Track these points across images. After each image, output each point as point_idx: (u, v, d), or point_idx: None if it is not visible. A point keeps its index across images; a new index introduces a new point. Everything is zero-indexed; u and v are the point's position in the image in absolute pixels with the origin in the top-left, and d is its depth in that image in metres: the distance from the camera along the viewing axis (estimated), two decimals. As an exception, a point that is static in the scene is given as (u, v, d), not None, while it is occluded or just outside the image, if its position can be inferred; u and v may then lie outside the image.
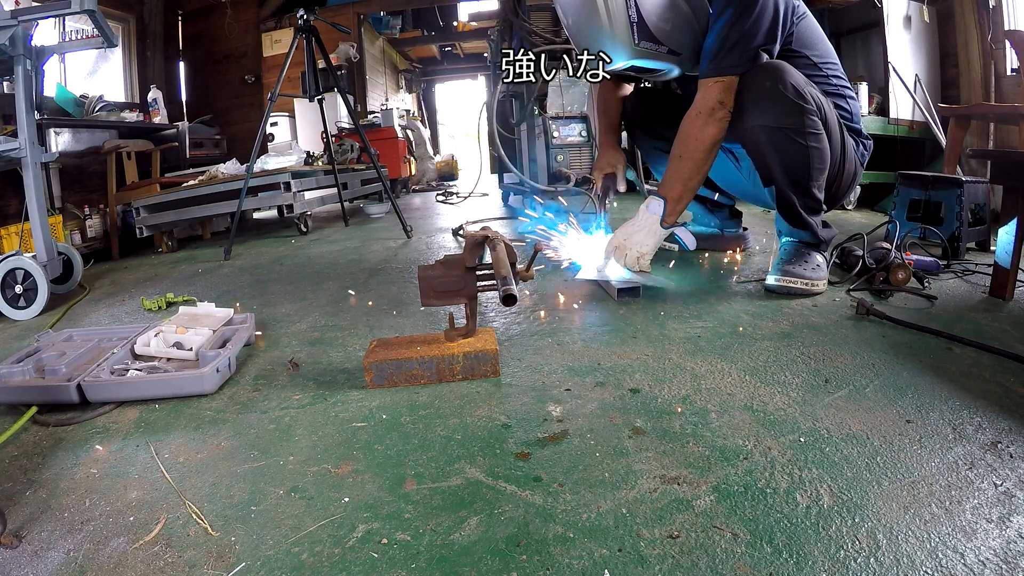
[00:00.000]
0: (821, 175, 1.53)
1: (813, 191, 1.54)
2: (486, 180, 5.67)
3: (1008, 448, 0.80)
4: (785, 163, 1.51)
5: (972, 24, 2.94)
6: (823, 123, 1.49)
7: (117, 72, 4.54)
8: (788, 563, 0.62)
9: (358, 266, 2.28)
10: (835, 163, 1.56)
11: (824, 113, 1.50)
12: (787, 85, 1.43)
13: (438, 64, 9.32)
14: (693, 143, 1.53)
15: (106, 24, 1.97)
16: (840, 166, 1.59)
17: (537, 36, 3.13)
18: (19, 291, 1.93)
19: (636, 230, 1.59)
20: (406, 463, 0.85)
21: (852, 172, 1.64)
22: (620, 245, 1.61)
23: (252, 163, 2.80)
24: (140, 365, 1.22)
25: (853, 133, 1.63)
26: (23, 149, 1.90)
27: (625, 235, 1.60)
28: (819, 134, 1.48)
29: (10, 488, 0.86)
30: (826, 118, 1.50)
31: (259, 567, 0.66)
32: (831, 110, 1.53)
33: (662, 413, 0.95)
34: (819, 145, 1.48)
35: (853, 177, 1.66)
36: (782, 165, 1.52)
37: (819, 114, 1.48)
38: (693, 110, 1.53)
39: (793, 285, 1.52)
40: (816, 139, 1.48)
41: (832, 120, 1.53)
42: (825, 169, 1.53)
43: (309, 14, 2.80)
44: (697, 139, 1.52)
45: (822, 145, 1.49)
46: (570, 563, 0.64)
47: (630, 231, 1.60)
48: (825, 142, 1.50)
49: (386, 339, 1.22)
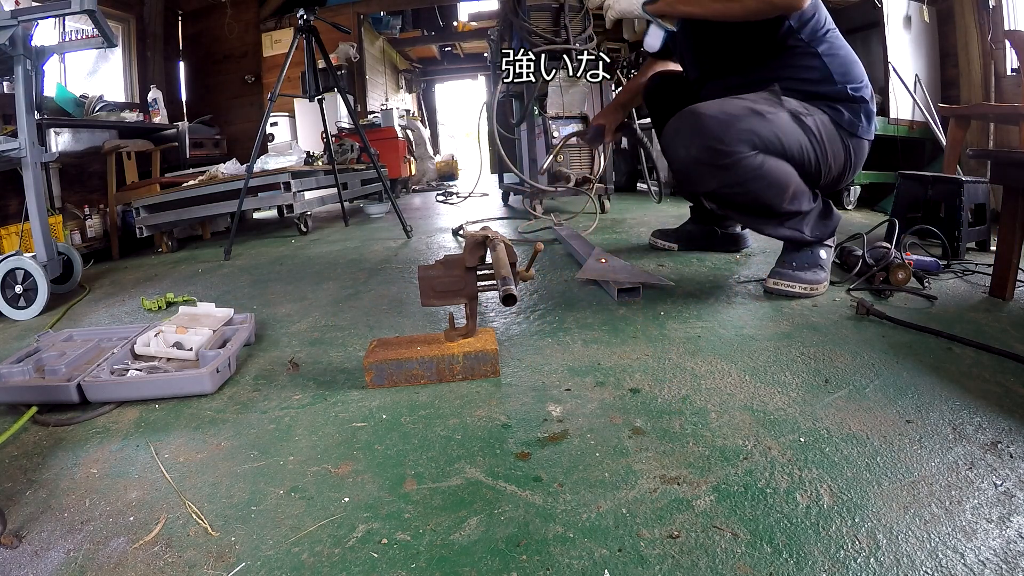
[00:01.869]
0: (782, 193, 1.46)
1: (783, 209, 1.48)
2: (486, 180, 5.67)
3: (1008, 448, 0.80)
4: (742, 211, 1.54)
5: (972, 24, 2.94)
6: (754, 148, 1.40)
7: (117, 72, 4.54)
8: (788, 563, 0.62)
9: (358, 266, 2.28)
10: (808, 163, 1.47)
11: (763, 137, 1.40)
12: (693, 147, 1.40)
13: (438, 64, 9.32)
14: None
15: (106, 24, 1.97)
16: (817, 165, 1.49)
17: (537, 36, 3.12)
18: (19, 291, 1.93)
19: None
20: (406, 463, 0.85)
21: (843, 161, 1.53)
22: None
23: (252, 163, 2.80)
24: (140, 365, 1.22)
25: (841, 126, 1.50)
26: (23, 149, 1.90)
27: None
28: (756, 169, 1.40)
29: (10, 488, 0.86)
30: (764, 143, 1.40)
31: (259, 567, 0.66)
32: (779, 127, 1.42)
33: (662, 413, 0.95)
34: (757, 184, 1.42)
35: (846, 164, 1.54)
36: (741, 214, 1.57)
37: (740, 154, 1.39)
38: None
39: (790, 289, 1.52)
40: (752, 176, 1.41)
41: (776, 135, 1.41)
42: (785, 187, 1.45)
43: (309, 14, 2.80)
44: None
45: (761, 181, 1.42)
46: (570, 563, 0.64)
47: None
48: (767, 168, 1.41)
49: (386, 339, 1.22)
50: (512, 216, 3.45)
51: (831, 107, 1.48)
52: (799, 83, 1.49)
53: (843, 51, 1.51)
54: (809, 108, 1.47)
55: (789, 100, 1.47)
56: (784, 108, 1.45)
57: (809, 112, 1.46)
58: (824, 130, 1.47)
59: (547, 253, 2.25)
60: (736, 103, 1.43)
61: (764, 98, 1.47)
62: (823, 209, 1.56)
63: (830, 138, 1.48)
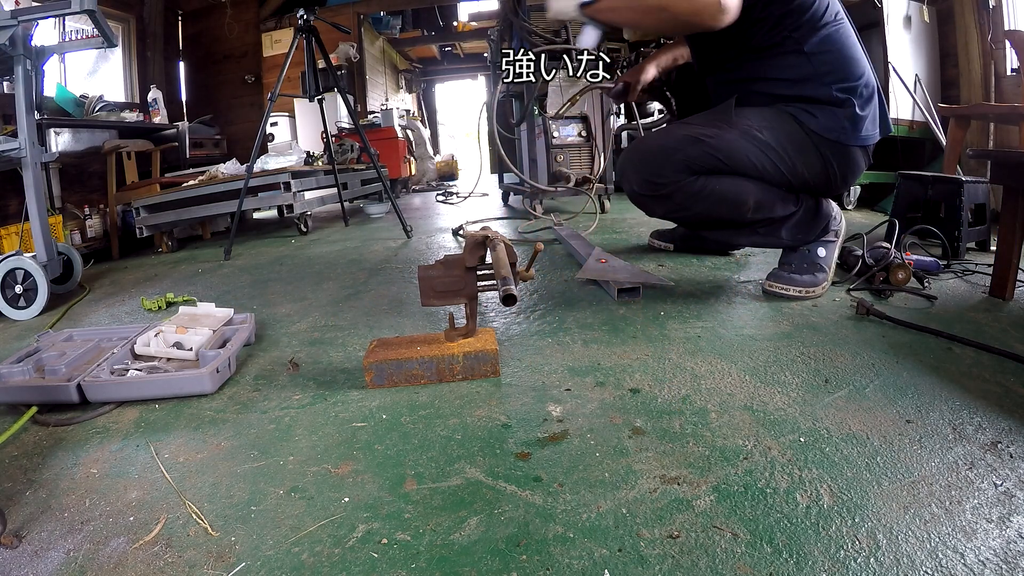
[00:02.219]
0: (740, 207, 1.44)
1: (748, 219, 1.47)
2: (486, 180, 5.67)
3: (1008, 448, 0.80)
4: (705, 227, 1.61)
5: (972, 24, 2.94)
6: (692, 174, 1.41)
7: (117, 72, 4.54)
8: (788, 563, 0.62)
9: (358, 266, 2.28)
10: (768, 175, 1.43)
11: (701, 162, 1.40)
12: (634, 182, 1.49)
13: (438, 64, 9.32)
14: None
15: (106, 24, 1.97)
16: (781, 176, 1.45)
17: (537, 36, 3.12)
18: (19, 291, 1.93)
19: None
20: (406, 463, 0.85)
21: (819, 169, 1.45)
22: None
23: (252, 163, 2.80)
24: (140, 365, 1.22)
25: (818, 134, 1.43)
26: (23, 149, 1.90)
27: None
28: (698, 192, 1.42)
29: (10, 488, 0.86)
30: (704, 166, 1.40)
31: (259, 567, 0.66)
32: (722, 147, 1.40)
33: (662, 413, 0.95)
34: (703, 204, 1.44)
35: (827, 171, 1.46)
36: (706, 229, 1.64)
37: (677, 182, 1.41)
38: None
39: (785, 292, 1.51)
40: (696, 199, 1.43)
41: (717, 156, 1.40)
42: (741, 200, 1.44)
43: (309, 14, 2.80)
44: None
45: (706, 201, 1.43)
46: (570, 563, 0.64)
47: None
48: (711, 189, 1.42)
49: (386, 339, 1.22)
50: (512, 216, 3.45)
51: (806, 111, 1.41)
52: (776, 84, 1.44)
53: (838, 48, 1.41)
54: (770, 119, 1.42)
55: (744, 113, 1.44)
56: (733, 127, 1.42)
57: (767, 124, 1.42)
58: (789, 141, 1.42)
59: (547, 253, 2.26)
60: (675, 132, 1.46)
61: (712, 118, 1.46)
62: (810, 211, 1.52)
63: (797, 149, 1.43)
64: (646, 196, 1.51)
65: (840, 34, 1.43)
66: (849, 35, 1.45)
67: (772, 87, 1.45)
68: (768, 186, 1.47)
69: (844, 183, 1.50)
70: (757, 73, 1.48)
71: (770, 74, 1.46)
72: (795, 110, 1.43)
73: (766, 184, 1.46)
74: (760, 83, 1.47)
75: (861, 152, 1.46)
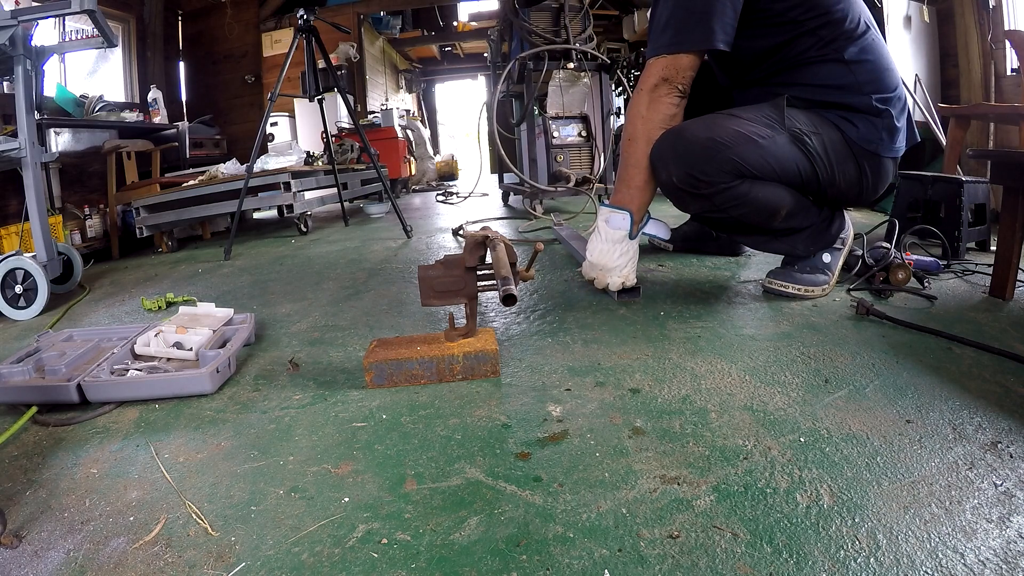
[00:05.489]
0: (773, 216, 1.43)
1: (775, 227, 1.46)
2: (486, 180, 5.68)
3: (1008, 448, 0.80)
4: (730, 230, 1.57)
5: (972, 24, 2.94)
6: (739, 177, 1.36)
7: (117, 72, 4.54)
8: (788, 563, 0.62)
9: (358, 266, 2.28)
10: (808, 184, 1.43)
11: (751, 164, 1.35)
12: (674, 174, 1.37)
13: (438, 64, 9.32)
14: (641, 123, 1.41)
15: (106, 24, 1.97)
16: (819, 186, 1.44)
17: (537, 36, 3.13)
18: (19, 291, 1.93)
19: (606, 251, 1.48)
20: (406, 463, 0.85)
21: (855, 180, 1.45)
22: (599, 276, 1.51)
23: (252, 163, 2.80)
24: (140, 365, 1.22)
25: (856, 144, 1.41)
26: (23, 149, 1.90)
27: (599, 262, 1.49)
28: (740, 197, 1.37)
29: (10, 488, 0.86)
30: (752, 170, 1.35)
31: (259, 567, 0.66)
32: (774, 152, 1.36)
33: (662, 413, 0.95)
34: (741, 210, 1.40)
35: (861, 183, 1.45)
36: (730, 232, 1.59)
37: (721, 184, 1.35)
38: (636, 89, 1.43)
39: (784, 290, 1.51)
40: (736, 204, 1.38)
41: (768, 161, 1.36)
42: (776, 210, 1.41)
43: (309, 14, 2.81)
44: (645, 118, 1.41)
45: (746, 207, 1.39)
46: (570, 563, 0.64)
47: (603, 258, 1.49)
48: (754, 196, 1.38)
49: (386, 339, 1.22)
50: (512, 216, 3.45)
51: (846, 119, 1.39)
52: (815, 90, 1.40)
53: (875, 57, 1.39)
54: (817, 124, 1.39)
55: (794, 115, 1.39)
56: (784, 129, 1.37)
57: (815, 130, 1.39)
58: (831, 149, 1.40)
59: (547, 253, 2.26)
60: (726, 125, 1.36)
61: (763, 115, 1.39)
62: (826, 221, 1.52)
63: (838, 158, 1.41)
64: (684, 192, 1.40)
65: (877, 43, 1.41)
66: (883, 44, 1.43)
67: (811, 92, 1.41)
68: (800, 195, 1.45)
69: (875, 192, 1.49)
70: (794, 79, 1.43)
71: (809, 80, 1.41)
72: (835, 117, 1.40)
73: (799, 193, 1.45)
74: (797, 88, 1.42)
75: (892, 163, 1.46)
